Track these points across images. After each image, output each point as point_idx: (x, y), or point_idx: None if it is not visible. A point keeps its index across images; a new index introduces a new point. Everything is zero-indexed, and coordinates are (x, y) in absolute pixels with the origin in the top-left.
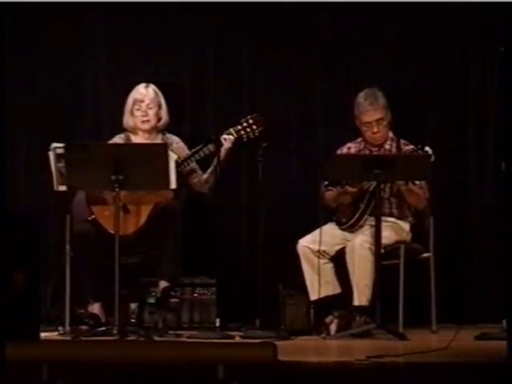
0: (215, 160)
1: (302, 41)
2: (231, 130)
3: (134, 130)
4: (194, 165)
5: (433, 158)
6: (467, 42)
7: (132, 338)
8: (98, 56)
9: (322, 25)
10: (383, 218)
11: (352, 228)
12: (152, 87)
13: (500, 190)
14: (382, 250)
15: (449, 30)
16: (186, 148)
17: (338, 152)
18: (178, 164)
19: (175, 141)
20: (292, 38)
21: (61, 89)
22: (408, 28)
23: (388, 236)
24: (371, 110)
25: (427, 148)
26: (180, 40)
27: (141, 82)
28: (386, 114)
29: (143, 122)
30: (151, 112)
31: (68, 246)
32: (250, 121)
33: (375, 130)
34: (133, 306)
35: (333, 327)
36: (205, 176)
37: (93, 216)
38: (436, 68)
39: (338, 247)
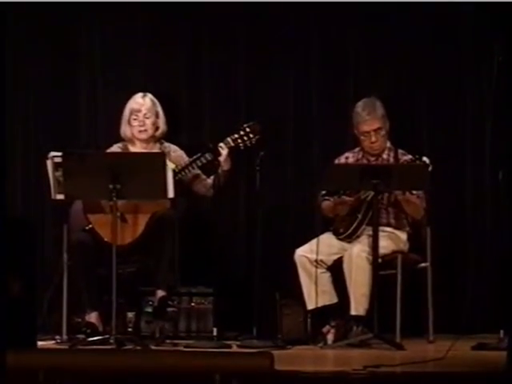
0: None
1: (299, 50)
2: (228, 138)
3: (132, 140)
4: (196, 171)
5: (430, 168)
6: (464, 52)
7: (129, 347)
8: (95, 65)
9: (320, 34)
10: (380, 228)
11: (349, 238)
12: (149, 96)
13: (497, 199)
14: (380, 260)
15: (446, 40)
16: (184, 155)
17: (336, 161)
18: (175, 173)
19: (173, 149)
20: (289, 46)
21: (58, 98)
22: (406, 38)
23: (385, 246)
24: (369, 120)
25: (425, 158)
26: (176, 49)
27: (138, 92)
28: (384, 124)
29: (140, 131)
30: (148, 121)
31: (65, 255)
32: (247, 129)
33: (373, 139)
34: (130, 315)
35: (330, 337)
36: (209, 181)
37: (90, 225)
38: (434, 78)
39: (335, 257)
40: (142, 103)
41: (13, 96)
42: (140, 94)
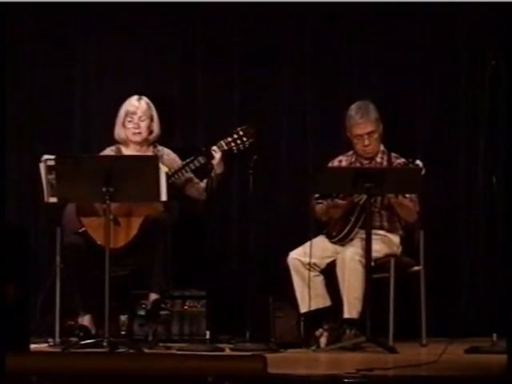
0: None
1: (292, 53)
2: (221, 142)
3: (126, 142)
4: (189, 174)
5: (423, 172)
6: (458, 55)
7: (122, 350)
8: (88, 68)
9: (313, 37)
10: (373, 231)
11: (342, 241)
12: (145, 100)
13: (490, 203)
14: (372, 263)
15: (440, 43)
16: (177, 159)
17: (329, 165)
18: (168, 176)
19: (166, 153)
20: (282, 50)
21: (51, 101)
22: (400, 40)
23: (378, 249)
24: (362, 123)
25: (418, 161)
26: (170, 52)
27: (131, 95)
28: (378, 127)
29: (135, 134)
30: (143, 124)
31: (58, 258)
32: (240, 132)
33: (366, 142)
34: (123, 318)
35: (323, 340)
36: (202, 184)
37: (83, 228)
38: (427, 81)
39: (328, 260)
40: (137, 106)
41: (7, 98)
42: (136, 97)
